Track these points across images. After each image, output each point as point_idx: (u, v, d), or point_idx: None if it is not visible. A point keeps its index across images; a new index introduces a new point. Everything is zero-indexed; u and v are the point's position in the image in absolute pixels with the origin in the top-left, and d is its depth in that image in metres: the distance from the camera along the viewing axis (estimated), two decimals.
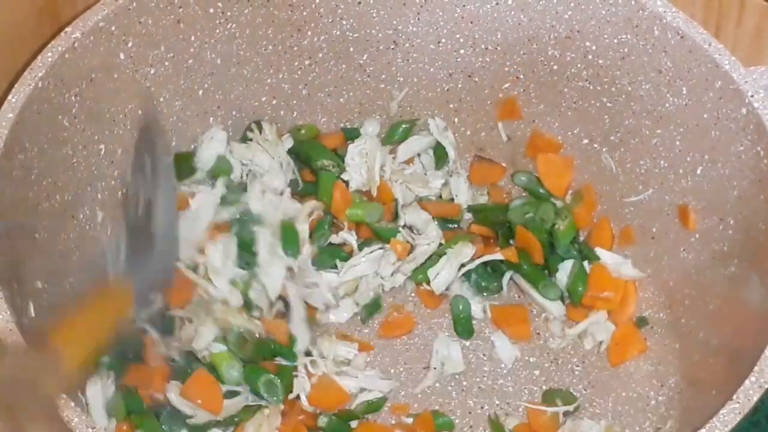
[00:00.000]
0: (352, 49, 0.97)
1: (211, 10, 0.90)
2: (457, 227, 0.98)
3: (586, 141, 0.96)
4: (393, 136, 1.00)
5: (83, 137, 0.86)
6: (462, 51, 0.97)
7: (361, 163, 0.97)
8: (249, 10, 0.92)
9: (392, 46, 0.97)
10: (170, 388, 0.85)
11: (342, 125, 1.01)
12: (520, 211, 0.95)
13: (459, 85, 0.98)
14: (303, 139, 0.99)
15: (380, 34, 0.96)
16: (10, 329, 0.71)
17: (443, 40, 0.96)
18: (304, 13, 0.94)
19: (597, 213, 0.97)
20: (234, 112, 0.97)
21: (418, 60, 0.98)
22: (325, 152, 0.97)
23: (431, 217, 0.97)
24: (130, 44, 0.87)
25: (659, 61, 0.88)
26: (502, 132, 0.99)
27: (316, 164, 0.97)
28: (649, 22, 0.87)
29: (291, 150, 0.98)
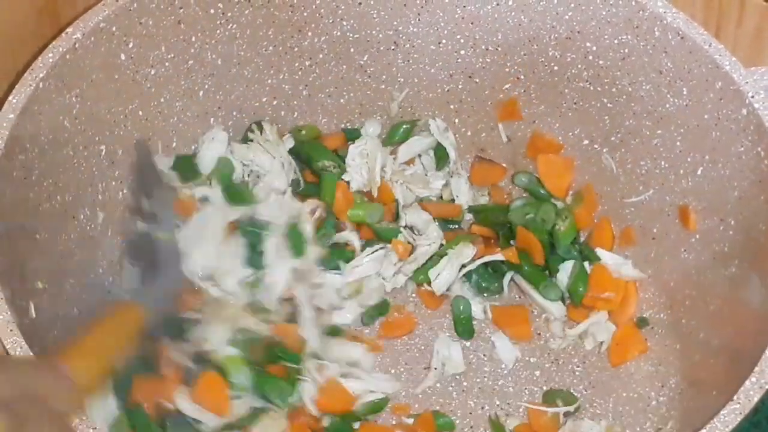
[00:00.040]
0: (352, 50, 0.97)
1: (212, 11, 0.90)
2: (457, 228, 0.98)
3: (586, 142, 0.96)
4: (394, 137, 1.00)
5: (84, 138, 0.86)
6: (462, 52, 0.97)
7: (362, 164, 0.97)
8: (250, 11, 0.92)
9: (393, 47, 0.97)
10: (179, 395, 0.84)
11: (342, 126, 1.01)
12: (521, 211, 0.95)
13: (459, 86, 0.98)
14: (304, 139, 0.99)
15: (381, 35, 0.96)
16: (11, 330, 0.72)
17: (444, 41, 0.96)
18: (305, 14, 0.94)
19: (597, 213, 0.97)
20: (234, 113, 0.97)
21: (418, 61, 0.98)
22: (326, 153, 0.97)
23: (432, 217, 0.97)
24: (130, 45, 0.87)
25: (660, 61, 0.88)
26: (503, 133, 1.00)
27: (317, 165, 0.97)
28: (650, 22, 0.87)
29: (292, 150, 0.98)
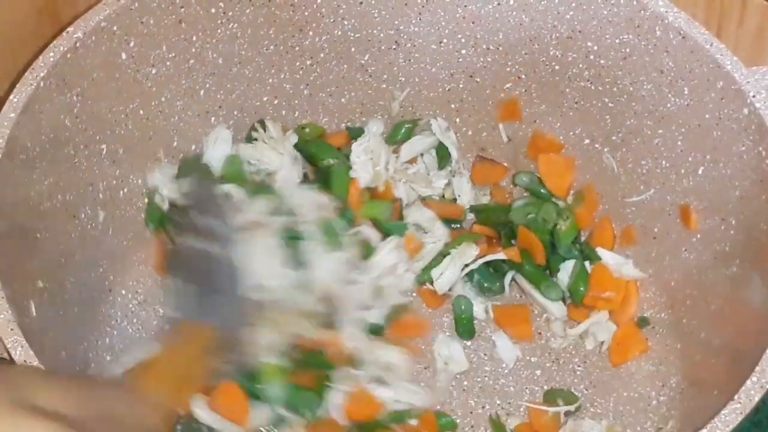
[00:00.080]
0: (353, 49, 0.97)
1: (213, 10, 0.90)
2: (459, 227, 0.98)
3: (587, 141, 0.96)
4: (396, 136, 1.00)
5: (85, 137, 0.86)
6: (463, 51, 0.97)
7: (367, 161, 0.96)
8: (251, 10, 0.92)
9: (394, 46, 0.97)
10: (196, 403, 0.82)
11: (343, 125, 1.00)
12: (523, 211, 0.95)
13: (460, 86, 0.98)
14: (307, 138, 0.99)
15: (382, 34, 0.96)
16: (11, 329, 0.72)
17: (445, 41, 0.96)
18: (306, 13, 0.94)
19: (598, 213, 0.97)
20: (236, 112, 0.97)
21: (419, 60, 0.97)
22: (330, 150, 0.97)
23: (436, 215, 0.96)
24: (131, 44, 0.87)
25: (661, 61, 0.88)
26: (503, 133, 0.99)
27: (321, 163, 0.97)
28: (651, 22, 0.87)
29: (296, 147, 0.97)
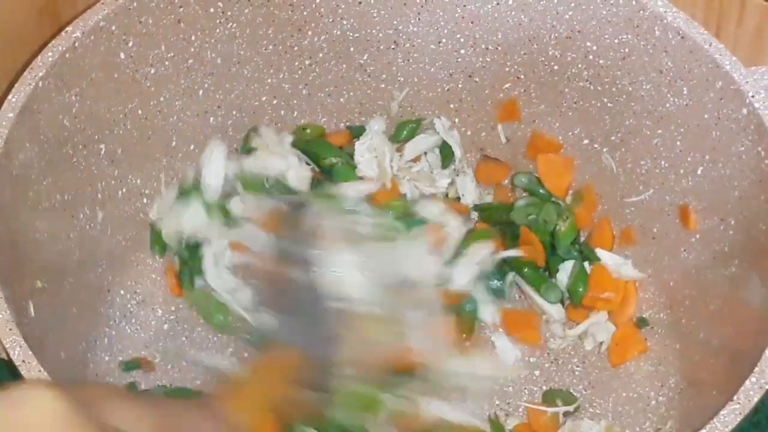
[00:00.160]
0: (352, 49, 0.97)
1: (212, 10, 0.90)
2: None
3: (586, 141, 0.96)
4: (399, 136, 0.99)
5: (83, 137, 0.86)
6: (462, 51, 0.96)
7: (371, 159, 0.96)
8: (249, 10, 0.92)
9: (393, 46, 0.97)
10: None
11: (342, 125, 1.00)
12: (524, 211, 0.95)
13: (459, 85, 0.98)
14: (309, 138, 0.98)
15: (381, 34, 0.96)
16: (10, 329, 0.71)
17: (444, 40, 0.96)
18: (305, 13, 0.94)
19: (597, 213, 0.97)
20: (234, 112, 0.97)
21: (418, 60, 0.97)
22: (332, 149, 0.97)
23: (446, 207, 0.95)
24: (130, 44, 0.87)
25: (660, 61, 0.88)
26: (501, 134, 0.99)
27: (324, 162, 0.97)
28: (650, 22, 0.87)
29: (297, 148, 0.97)
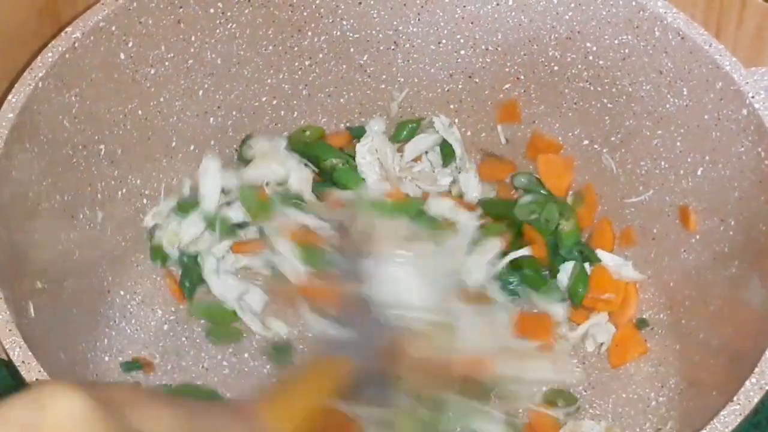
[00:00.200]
0: (352, 50, 0.97)
1: (212, 11, 0.90)
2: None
3: (586, 142, 0.96)
4: (399, 136, 0.99)
5: (83, 137, 0.86)
6: (462, 52, 0.96)
7: (373, 160, 0.96)
8: (249, 11, 0.92)
9: (393, 47, 0.97)
10: None
11: (342, 125, 1.00)
12: (527, 208, 0.94)
13: (459, 86, 0.98)
14: (308, 140, 0.98)
15: (381, 35, 0.96)
16: (10, 329, 0.71)
17: (444, 41, 0.96)
18: (305, 14, 0.94)
19: (597, 214, 0.97)
20: (234, 113, 0.97)
21: (418, 60, 0.97)
22: (332, 151, 0.97)
23: (455, 203, 0.95)
24: (130, 44, 0.87)
25: (660, 61, 0.88)
26: (501, 135, 0.99)
27: (325, 164, 0.97)
28: (650, 23, 0.87)
29: (297, 151, 0.97)
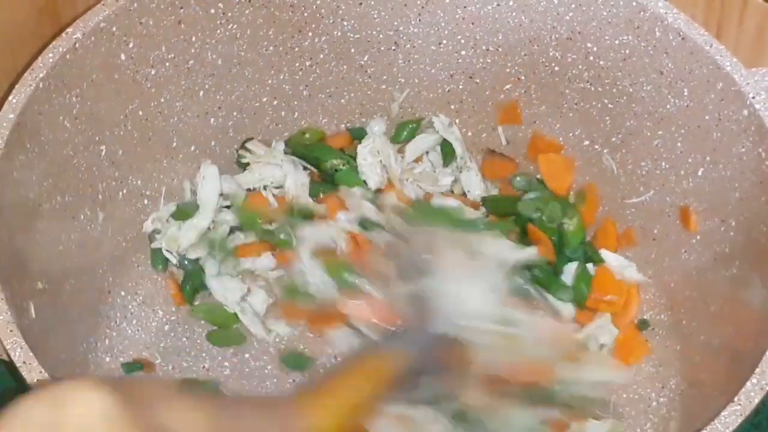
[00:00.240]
0: (353, 50, 0.97)
1: (212, 11, 0.90)
2: None
3: (587, 142, 0.96)
4: (400, 137, 0.99)
5: (84, 138, 0.86)
6: (463, 52, 0.96)
7: (375, 162, 0.96)
8: (250, 11, 0.92)
9: (393, 47, 0.97)
10: None
11: (343, 126, 1.00)
12: (531, 204, 0.94)
13: (460, 86, 0.98)
14: (308, 142, 0.98)
15: (381, 35, 0.96)
16: (11, 330, 0.71)
17: (444, 41, 0.96)
18: (305, 14, 0.94)
19: (598, 214, 0.97)
20: (235, 113, 0.96)
21: (419, 61, 0.97)
22: (332, 152, 0.97)
23: (460, 202, 0.95)
24: (130, 45, 0.87)
25: (660, 62, 0.88)
26: (502, 136, 0.99)
27: (325, 165, 0.97)
28: (651, 23, 0.87)
29: (297, 153, 0.97)
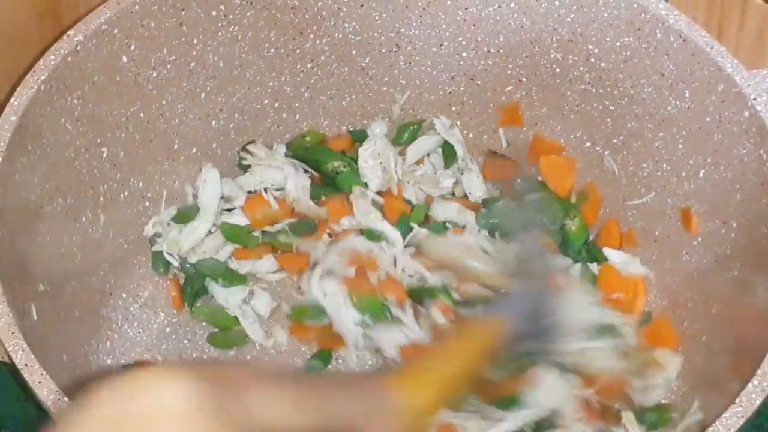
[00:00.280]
0: (354, 52, 0.97)
1: (214, 13, 0.90)
2: None
3: (588, 144, 0.96)
4: (401, 139, 0.99)
5: (85, 140, 0.86)
6: (464, 54, 0.96)
7: (376, 165, 0.96)
8: (251, 13, 0.92)
9: (395, 49, 0.97)
10: None
11: (344, 128, 1.00)
12: (534, 206, 0.94)
13: (461, 88, 0.98)
14: (308, 145, 0.98)
15: (383, 37, 0.96)
16: (12, 332, 0.72)
17: (445, 43, 0.96)
18: (307, 16, 0.94)
19: (600, 215, 0.97)
20: (236, 115, 0.97)
21: (420, 63, 0.97)
22: (333, 154, 0.97)
23: (460, 206, 0.95)
24: (132, 47, 0.87)
25: (661, 64, 0.88)
26: (503, 138, 0.99)
27: (326, 167, 0.97)
28: (652, 25, 0.87)
29: (298, 156, 0.97)
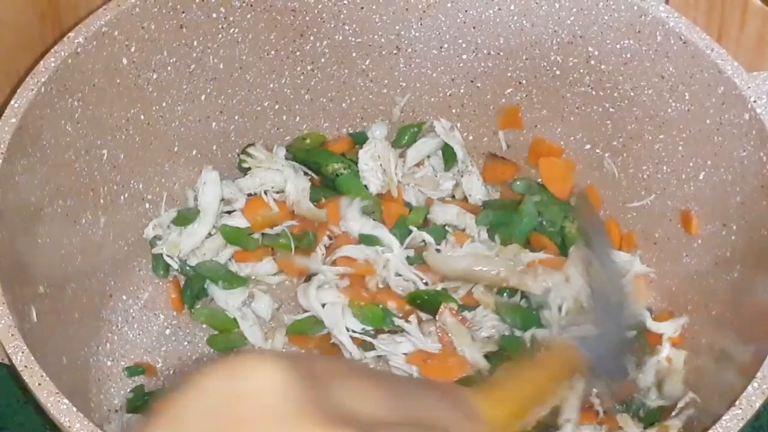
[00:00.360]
0: (354, 54, 0.97)
1: (214, 15, 0.90)
2: None
3: (588, 146, 0.96)
4: (401, 141, 0.99)
5: (86, 142, 0.86)
6: (464, 56, 0.96)
7: (376, 167, 0.96)
8: (251, 15, 0.92)
9: (395, 51, 0.97)
10: None
11: (345, 130, 1.00)
12: (533, 208, 0.94)
13: (461, 91, 0.98)
14: (308, 148, 0.98)
15: (383, 39, 0.96)
16: (12, 334, 0.71)
17: (446, 45, 0.96)
18: (307, 18, 0.94)
19: (601, 217, 0.97)
20: (236, 117, 0.97)
21: (420, 65, 0.97)
22: (333, 156, 0.97)
23: (460, 209, 0.95)
24: (132, 49, 0.87)
25: (662, 66, 0.88)
26: (503, 140, 0.99)
27: (327, 170, 0.97)
28: (652, 27, 0.87)
29: (298, 159, 0.98)
